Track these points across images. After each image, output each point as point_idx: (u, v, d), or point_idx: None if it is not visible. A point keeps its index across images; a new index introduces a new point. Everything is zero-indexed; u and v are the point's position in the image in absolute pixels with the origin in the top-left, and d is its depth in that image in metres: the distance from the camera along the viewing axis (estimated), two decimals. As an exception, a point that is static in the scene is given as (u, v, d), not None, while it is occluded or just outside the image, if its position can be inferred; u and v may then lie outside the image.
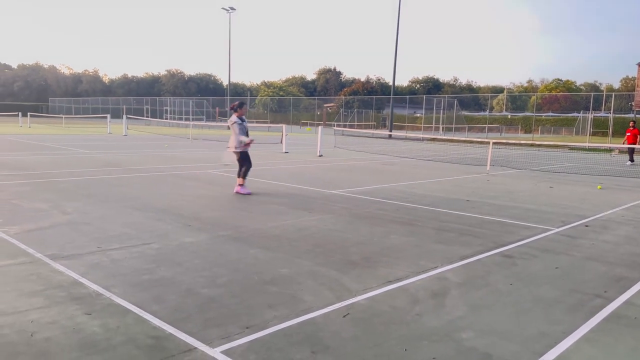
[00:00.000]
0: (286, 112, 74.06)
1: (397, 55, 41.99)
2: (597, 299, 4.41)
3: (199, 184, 10.73)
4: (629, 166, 20.33)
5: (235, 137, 9.55)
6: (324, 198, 9.38)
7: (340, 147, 24.29)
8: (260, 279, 4.65)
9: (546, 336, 3.59)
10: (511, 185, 12.32)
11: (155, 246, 5.64)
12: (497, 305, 4.17)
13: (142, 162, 15.17)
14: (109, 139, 27.25)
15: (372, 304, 4.12)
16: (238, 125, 9.49)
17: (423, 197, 9.83)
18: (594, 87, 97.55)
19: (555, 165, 19.15)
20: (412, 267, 5.15)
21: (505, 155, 23.28)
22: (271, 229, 6.66)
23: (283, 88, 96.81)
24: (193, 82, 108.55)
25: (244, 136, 9.52)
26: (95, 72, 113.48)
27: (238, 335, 3.44)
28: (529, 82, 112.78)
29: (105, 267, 4.87)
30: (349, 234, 6.56)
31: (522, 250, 5.96)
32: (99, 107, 78.74)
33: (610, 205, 9.47)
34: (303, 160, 17.91)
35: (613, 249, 6.17)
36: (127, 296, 4.12)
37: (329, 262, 5.25)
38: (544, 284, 4.77)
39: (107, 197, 8.72)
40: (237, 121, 9.51)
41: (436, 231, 6.84)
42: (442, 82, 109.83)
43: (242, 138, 9.49)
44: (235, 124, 9.49)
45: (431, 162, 18.83)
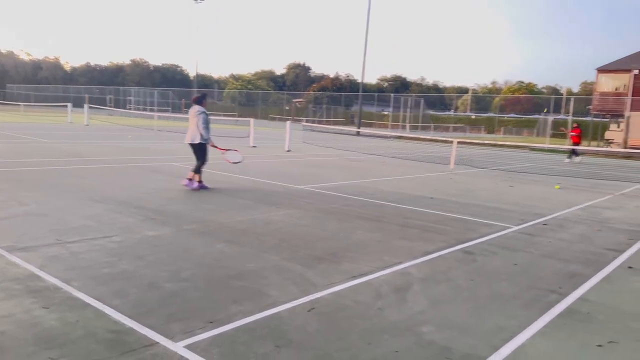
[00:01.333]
0: (255, 106, 73.51)
1: (366, 52, 42.30)
2: (552, 294, 4.58)
3: (164, 177, 10.55)
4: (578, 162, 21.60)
5: (196, 129, 9.05)
6: (291, 193, 9.38)
7: (309, 143, 24.30)
8: (226, 273, 4.62)
9: (503, 330, 3.71)
10: (473, 183, 12.62)
11: (116, 239, 5.53)
12: (457, 300, 4.28)
13: (104, 153, 14.79)
14: (70, 129, 26.43)
15: (337, 298, 4.16)
16: (205, 116, 9.14)
17: (389, 193, 9.96)
18: (555, 90, 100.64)
19: (516, 165, 19.71)
20: (377, 262, 5.23)
21: (468, 154, 23.80)
22: (238, 224, 6.62)
23: (252, 82, 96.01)
24: (158, 73, 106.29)
25: (208, 133, 9.18)
26: (56, 60, 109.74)
27: (201, 329, 3.42)
28: (493, 83, 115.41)
29: (64, 259, 4.74)
30: (316, 229, 6.59)
31: (483, 247, 6.13)
32: (60, 96, 76.12)
33: (567, 205, 9.83)
34: (271, 155, 17.84)
35: (568, 247, 6.41)
36: (87, 290, 4.02)
37: (295, 257, 5.27)
38: (503, 280, 4.92)
39: (66, 188, 8.47)
40: (206, 111, 9.22)
41: (401, 227, 6.95)
42: (409, 81, 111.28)
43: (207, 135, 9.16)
44: (202, 115, 9.09)
45: (398, 159, 19.08)
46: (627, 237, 7.16)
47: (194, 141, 9.12)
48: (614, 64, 38.50)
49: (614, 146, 36.66)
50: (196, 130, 9.06)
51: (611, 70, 38.24)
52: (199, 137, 9.09)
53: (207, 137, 9.18)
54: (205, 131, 9.10)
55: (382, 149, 25.29)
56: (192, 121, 9.13)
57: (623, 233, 7.46)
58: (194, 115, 9.10)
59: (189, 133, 9.16)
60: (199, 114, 9.07)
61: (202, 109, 9.16)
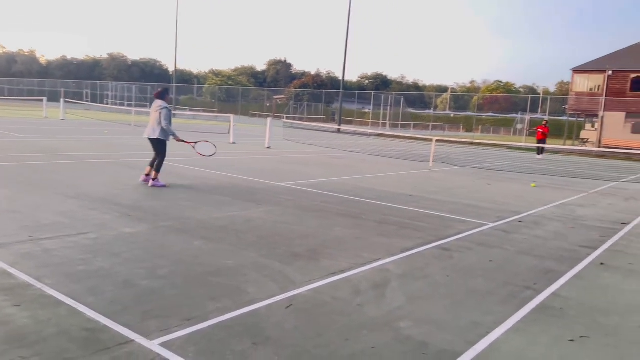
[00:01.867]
0: (235, 102, 72.97)
1: (347, 50, 42.32)
2: (527, 290, 4.66)
3: (140, 173, 10.39)
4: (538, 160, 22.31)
5: (156, 123, 8.84)
6: (271, 190, 9.35)
7: (289, 140, 24.26)
8: (203, 270, 4.59)
9: (479, 326, 3.76)
10: (451, 181, 12.75)
11: (91, 236, 5.43)
12: (434, 296, 4.33)
13: (79, 148, 14.51)
14: (45, 123, 25.87)
15: (315, 295, 4.16)
16: (167, 112, 8.92)
17: (368, 191, 10.01)
18: (532, 90, 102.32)
19: (493, 163, 19.99)
20: (355, 259, 5.24)
21: (447, 153, 24.05)
22: (216, 221, 6.57)
23: (232, 77, 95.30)
24: (137, 67, 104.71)
25: (172, 128, 8.98)
26: (31, 53, 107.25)
27: (177, 327, 3.38)
28: (472, 82, 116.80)
29: (36, 257, 4.64)
30: (295, 226, 6.58)
31: (460, 244, 6.20)
32: (35, 90, 74.44)
33: (543, 203, 10.01)
34: (251, 151, 17.75)
35: (543, 244, 6.53)
36: (60, 287, 3.95)
37: (274, 254, 5.25)
38: (479, 276, 4.99)
39: (40, 185, 8.29)
40: (169, 107, 9.02)
41: (379, 224, 6.99)
42: (390, 79, 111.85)
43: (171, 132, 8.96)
44: (165, 110, 8.86)
45: (377, 157, 19.17)
46: (600, 235, 7.32)
47: (151, 136, 8.93)
48: (589, 65, 39.31)
49: (588, 145, 37.52)
50: (156, 125, 8.87)
51: (586, 70, 39.04)
52: (158, 132, 8.89)
53: (172, 132, 9.00)
54: (169, 127, 8.92)
55: (363, 146, 25.38)
56: (152, 116, 8.95)
57: (596, 230, 7.63)
58: (155, 110, 8.92)
59: (148, 127, 8.98)
60: (161, 109, 8.86)
61: (165, 104, 8.97)
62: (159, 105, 8.89)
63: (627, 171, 20.14)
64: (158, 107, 8.88)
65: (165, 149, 9.05)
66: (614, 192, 12.62)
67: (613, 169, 20.65)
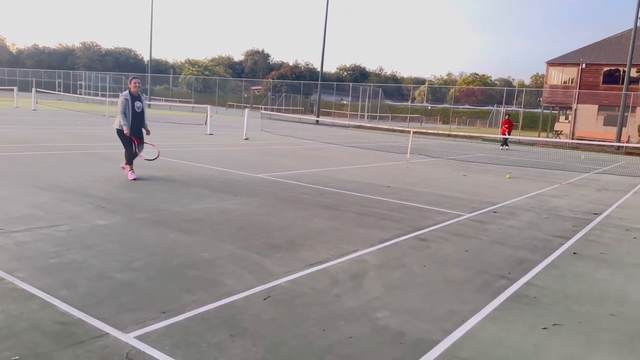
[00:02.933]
0: (212, 92, 72.11)
1: (325, 41, 42.19)
2: (502, 279, 4.74)
3: (115, 165, 10.21)
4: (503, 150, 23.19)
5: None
6: (249, 181, 9.29)
7: (267, 131, 24.11)
8: (179, 263, 4.53)
9: (455, 315, 3.81)
10: (429, 172, 12.87)
11: (64, 228, 5.31)
12: (411, 286, 4.36)
13: (52, 139, 14.16)
14: (16, 114, 25.16)
15: (293, 286, 4.16)
16: (121, 100, 8.40)
17: (347, 182, 10.02)
18: (507, 83, 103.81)
19: (469, 154, 20.24)
20: (334, 250, 5.25)
21: (424, 144, 24.25)
22: (193, 212, 6.50)
23: (209, 67, 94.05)
24: (111, 57, 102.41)
25: (122, 118, 8.36)
26: (1, 41, 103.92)
27: (153, 320, 3.34)
28: (448, 75, 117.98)
29: (8, 250, 4.52)
30: (273, 217, 6.55)
31: (436, 234, 6.27)
32: (5, 79, 72.25)
33: (517, 194, 10.18)
34: (228, 143, 17.59)
35: (517, 234, 6.65)
36: (33, 280, 3.86)
37: (252, 245, 5.22)
38: (455, 266, 5.05)
39: (11, 176, 8.07)
40: (125, 95, 8.42)
41: (358, 215, 7.01)
42: (368, 71, 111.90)
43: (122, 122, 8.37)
44: (120, 97, 8.42)
45: (356, 148, 19.22)
46: (572, 225, 7.49)
47: (114, 126, 8.64)
48: (563, 58, 40.01)
49: (562, 137, 38.28)
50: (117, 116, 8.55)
51: (560, 63, 39.73)
52: (116, 122, 8.51)
53: (124, 122, 8.38)
54: (121, 116, 8.36)
55: (341, 138, 25.40)
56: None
57: (568, 220, 7.80)
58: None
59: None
60: (119, 97, 8.53)
61: (124, 93, 8.52)
62: (122, 95, 8.53)
63: (600, 163, 20.62)
64: (121, 96, 8.53)
65: (125, 140, 8.53)
66: (586, 183, 12.91)
67: (586, 161, 21.11)
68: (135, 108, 8.51)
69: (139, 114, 8.61)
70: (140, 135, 8.80)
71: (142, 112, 8.67)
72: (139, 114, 8.61)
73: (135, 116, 8.54)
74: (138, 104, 8.54)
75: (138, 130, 8.69)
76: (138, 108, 8.55)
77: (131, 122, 8.48)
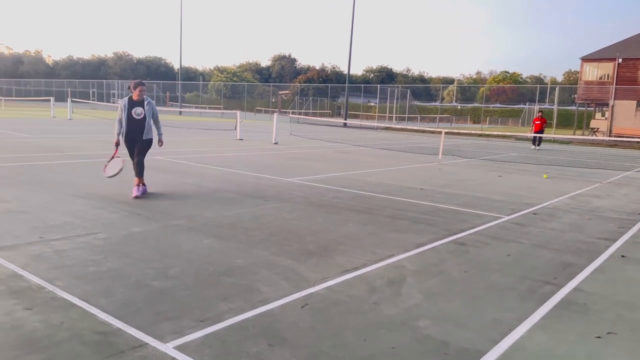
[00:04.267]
0: (240, 98, 72.87)
1: (352, 44, 42.06)
2: (547, 285, 4.54)
3: (148, 172, 10.31)
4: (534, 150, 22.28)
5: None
6: (279, 186, 9.26)
7: (296, 135, 24.14)
8: (215, 270, 4.50)
9: (500, 323, 3.65)
10: (462, 174, 12.60)
11: (101, 236, 5.37)
12: (451, 293, 4.22)
13: (87, 147, 14.49)
14: (53, 123, 25.93)
15: (330, 293, 4.07)
16: (119, 108, 7.65)
17: (378, 185, 9.89)
18: (539, 80, 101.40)
19: (503, 154, 19.78)
20: (369, 255, 5.14)
21: (455, 145, 23.84)
22: (226, 218, 6.49)
23: (237, 74, 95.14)
24: (142, 65, 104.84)
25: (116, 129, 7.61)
26: (37, 53, 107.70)
27: (191, 329, 3.30)
28: (477, 73, 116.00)
29: (47, 258, 4.59)
30: (306, 222, 6.48)
31: (474, 238, 6.08)
32: (42, 90, 74.84)
33: (556, 194, 9.84)
34: (258, 147, 17.66)
35: (560, 236, 6.39)
36: (72, 289, 3.88)
37: (286, 251, 5.16)
38: (496, 271, 4.87)
39: (48, 184, 8.25)
40: (124, 103, 7.63)
41: (391, 219, 6.87)
42: (395, 72, 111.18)
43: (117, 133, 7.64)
44: (120, 102, 7.71)
45: (385, 150, 19.02)
46: (617, 226, 7.16)
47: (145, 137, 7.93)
48: (598, 53, 38.79)
49: (599, 135, 37.10)
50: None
51: (595, 59, 38.52)
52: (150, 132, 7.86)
53: (116, 131, 7.64)
54: (116, 124, 7.64)
55: (370, 140, 25.23)
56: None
57: (613, 222, 7.47)
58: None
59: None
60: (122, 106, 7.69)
61: (124, 98, 7.75)
62: (122, 102, 7.74)
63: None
64: (121, 103, 7.74)
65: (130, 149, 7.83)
66: (628, 182, 12.41)
67: (626, 159, 20.36)
68: (134, 115, 7.59)
69: (138, 121, 7.63)
70: (139, 146, 7.80)
71: (143, 118, 7.66)
72: (138, 121, 7.63)
73: (132, 124, 7.61)
74: (138, 110, 7.60)
75: (135, 140, 7.74)
76: (138, 115, 7.61)
77: (127, 130, 7.61)
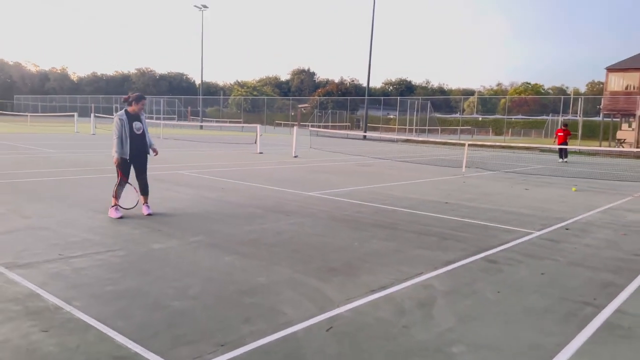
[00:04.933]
0: (260, 112, 73.40)
1: (371, 57, 42.04)
2: (587, 307, 4.25)
3: (169, 186, 10.32)
4: (560, 163, 21.49)
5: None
6: (301, 200, 9.10)
7: (316, 148, 24.04)
8: (236, 289, 4.34)
9: (540, 349, 3.39)
10: (487, 187, 12.27)
11: (120, 253, 5.26)
12: (486, 316, 3.97)
13: (109, 162, 14.51)
14: (76, 138, 26.35)
15: (356, 315, 3.86)
16: (117, 121, 7.05)
17: (401, 199, 9.65)
18: (562, 91, 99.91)
19: (528, 167, 19.32)
20: (396, 273, 4.92)
21: (478, 157, 23.42)
22: (247, 234, 6.34)
23: (257, 88, 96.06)
24: (165, 81, 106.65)
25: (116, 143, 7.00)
26: (63, 70, 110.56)
27: (211, 354, 3.13)
28: (498, 85, 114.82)
29: (66, 277, 4.48)
30: (329, 238, 6.29)
31: (506, 255, 5.80)
32: (67, 106, 76.63)
33: (587, 208, 9.47)
34: (278, 161, 17.58)
35: (596, 253, 6.07)
36: (89, 310, 3.75)
37: (309, 269, 4.98)
38: (532, 291, 4.60)
39: (70, 200, 8.23)
40: (120, 116, 7.09)
41: (417, 235, 6.64)
42: (414, 84, 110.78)
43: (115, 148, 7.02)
44: (116, 118, 7.07)
45: (406, 163, 18.76)
46: (656, 242, 6.80)
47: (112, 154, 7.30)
48: (624, 63, 37.99)
49: (625, 146, 36.14)
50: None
51: (621, 69, 37.71)
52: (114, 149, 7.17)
53: (117, 149, 7.03)
54: (116, 141, 7.01)
55: (390, 152, 24.98)
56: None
57: (651, 237, 7.10)
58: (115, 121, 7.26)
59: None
60: (117, 119, 7.12)
61: (120, 113, 7.18)
62: (117, 116, 7.18)
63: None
64: (116, 117, 7.16)
65: (124, 169, 7.17)
66: (661, 195, 11.92)
67: (655, 170, 19.69)
68: (135, 130, 7.15)
69: (139, 136, 7.21)
70: (143, 163, 7.43)
71: (143, 133, 7.28)
72: (139, 136, 7.21)
73: (135, 139, 7.17)
74: (137, 125, 7.18)
75: (139, 157, 7.34)
76: (138, 130, 7.18)
77: (130, 147, 7.12)
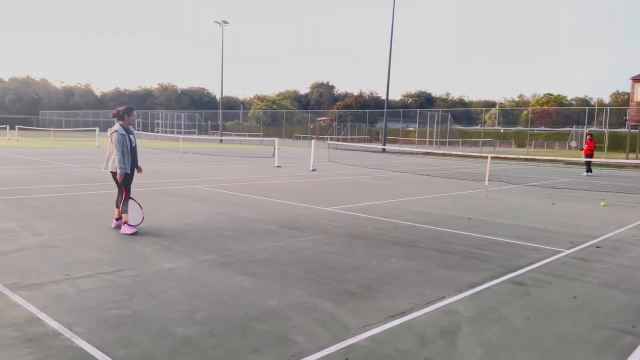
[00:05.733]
0: (279, 125, 73.72)
1: (390, 69, 41.86)
2: (626, 335, 3.89)
3: (184, 201, 10.17)
4: (586, 177, 20.61)
5: (109, 152, 7.06)
6: (317, 216, 8.84)
7: (334, 161, 23.81)
8: (245, 313, 4.09)
9: (578, 386, 3.06)
10: (511, 201, 11.85)
11: (129, 273, 5.07)
12: (515, 346, 3.64)
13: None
14: (97, 153, 26.61)
15: (374, 345, 3.57)
16: (117, 137, 6.96)
17: (421, 214, 9.32)
18: (585, 102, 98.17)
19: (553, 180, 18.76)
20: (416, 297, 4.62)
21: (501, 170, 22.88)
22: (260, 252, 6.11)
23: (276, 102, 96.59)
24: (186, 96, 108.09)
25: (119, 158, 6.91)
26: (87, 86, 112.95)
27: (215, 389, 2.88)
28: (520, 96, 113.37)
29: (69, 299, 4.30)
30: (345, 257, 6.02)
31: (534, 276, 5.45)
32: (90, 120, 78.11)
33: (618, 224, 9.00)
34: (296, 174, 17.39)
35: (631, 274, 5.67)
36: (90, 336, 3.54)
37: (324, 291, 4.71)
38: (564, 317, 4.25)
39: (83, 216, 8.13)
40: (119, 130, 7.01)
41: (439, 254, 6.31)
42: (434, 96, 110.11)
43: (116, 162, 6.92)
44: (115, 135, 6.95)
45: (427, 176, 18.37)
46: (697, 261, 6.35)
47: (105, 167, 7.16)
48: (650, 73, 36.99)
49: (653, 157, 35.04)
50: (110, 155, 7.07)
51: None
52: (111, 162, 7.03)
53: (121, 165, 6.94)
54: (119, 156, 6.90)
55: (410, 165, 24.60)
56: (108, 143, 7.15)
57: (690, 256, 6.65)
58: (109, 135, 7.10)
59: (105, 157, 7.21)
60: (112, 133, 7.00)
61: (117, 127, 7.05)
62: (111, 129, 7.11)
63: None
64: (111, 131, 7.07)
65: (124, 183, 7.08)
66: (697, 210, 11.33)
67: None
68: (132, 144, 7.20)
69: (133, 148, 7.21)
70: (133, 176, 7.35)
71: (135, 147, 7.28)
72: (133, 148, 7.21)
73: (133, 154, 7.20)
74: (132, 138, 7.20)
75: (133, 171, 7.32)
76: (132, 143, 7.20)
77: (131, 162, 7.16)
